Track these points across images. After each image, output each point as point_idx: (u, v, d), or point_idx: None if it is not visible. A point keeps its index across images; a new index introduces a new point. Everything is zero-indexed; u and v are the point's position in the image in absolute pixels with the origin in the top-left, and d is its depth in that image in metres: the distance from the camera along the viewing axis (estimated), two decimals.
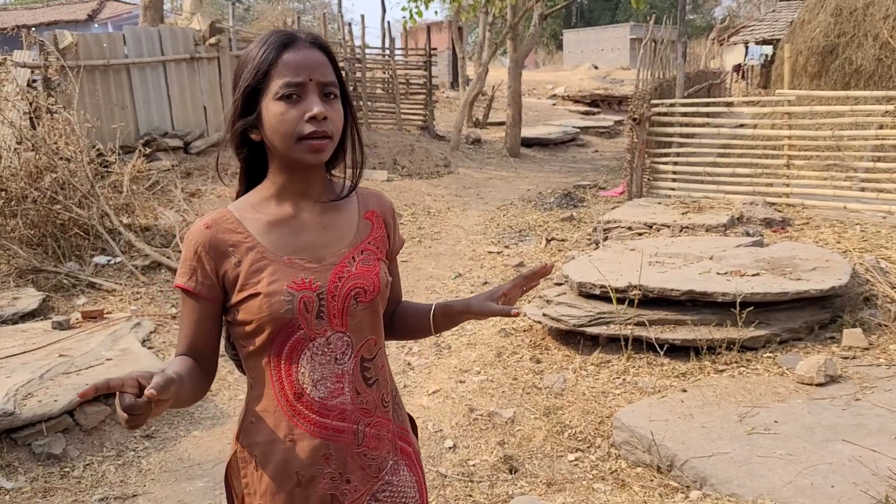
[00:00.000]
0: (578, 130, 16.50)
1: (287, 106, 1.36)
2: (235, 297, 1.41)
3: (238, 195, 1.53)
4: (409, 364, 4.92)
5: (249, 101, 1.40)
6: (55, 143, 6.67)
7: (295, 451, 1.42)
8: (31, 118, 7.21)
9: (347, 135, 1.48)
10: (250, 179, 1.52)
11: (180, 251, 5.91)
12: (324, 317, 1.42)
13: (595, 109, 20.52)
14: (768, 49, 20.33)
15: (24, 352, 4.43)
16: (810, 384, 3.76)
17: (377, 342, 1.50)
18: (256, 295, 1.39)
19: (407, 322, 1.66)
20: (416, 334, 1.68)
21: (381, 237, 1.54)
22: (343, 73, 1.48)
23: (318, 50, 1.41)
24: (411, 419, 1.67)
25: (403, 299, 1.71)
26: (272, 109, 1.37)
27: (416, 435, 1.68)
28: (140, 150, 7.76)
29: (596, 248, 6.45)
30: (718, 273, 4.74)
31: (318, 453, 1.42)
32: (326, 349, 1.43)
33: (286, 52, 1.37)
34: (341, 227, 1.49)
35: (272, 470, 1.43)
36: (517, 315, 1.44)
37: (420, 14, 13.20)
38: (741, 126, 9.09)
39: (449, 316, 1.59)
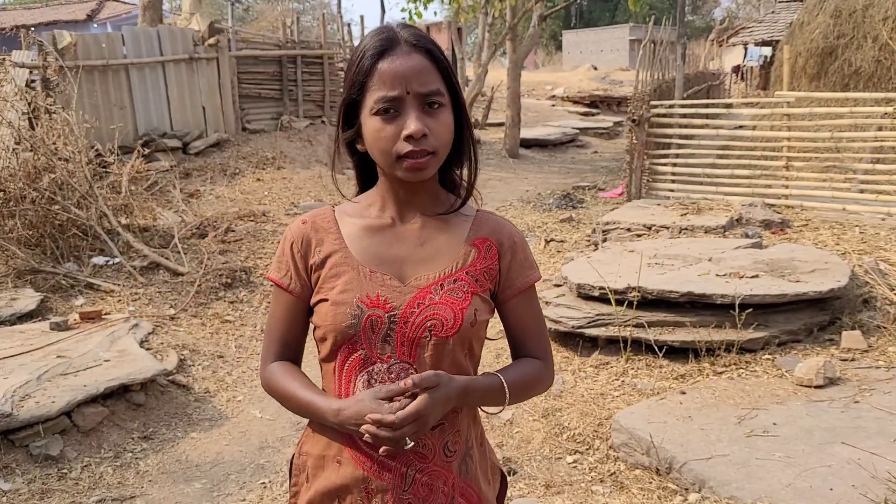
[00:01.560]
0: (578, 131, 16.48)
1: (383, 122, 1.26)
2: (313, 299, 1.37)
3: (358, 192, 1.48)
4: None
5: (350, 113, 1.33)
6: (54, 143, 6.66)
7: (339, 473, 1.36)
8: (29, 118, 7.20)
9: (464, 142, 1.36)
10: (365, 183, 1.45)
11: (178, 252, 5.84)
12: (390, 342, 1.31)
13: (594, 110, 20.49)
14: (767, 50, 20.35)
15: (22, 353, 4.42)
16: (809, 386, 3.76)
17: None
18: (326, 301, 1.33)
19: None
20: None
21: (486, 269, 1.37)
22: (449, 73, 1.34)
23: (420, 53, 1.28)
24: (503, 478, 1.54)
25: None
26: (369, 125, 1.28)
27: (504, 494, 1.54)
28: (139, 151, 7.75)
29: (595, 250, 6.45)
30: (717, 275, 4.74)
31: (359, 485, 1.34)
32: (387, 377, 1.31)
33: (382, 61, 1.26)
34: (441, 248, 1.36)
35: (317, 487, 1.39)
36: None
37: (419, 15, 13.20)
38: (740, 127, 9.11)
39: None
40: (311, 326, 1.42)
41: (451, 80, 1.32)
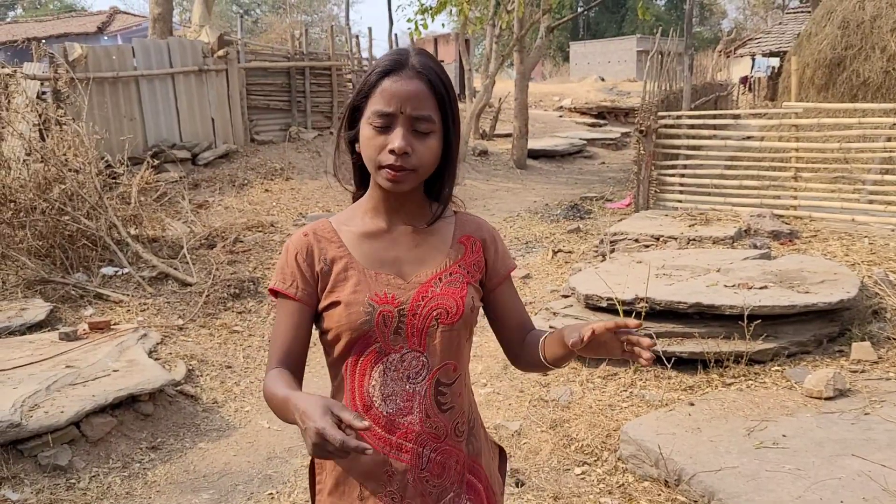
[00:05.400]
0: (585, 142, 16.48)
1: (375, 132, 1.38)
2: (321, 304, 1.46)
3: (354, 197, 1.57)
4: None
5: (353, 116, 1.45)
6: (64, 154, 6.71)
7: (360, 462, 1.43)
8: (40, 130, 7.25)
9: (450, 165, 1.48)
10: (362, 179, 1.55)
11: (187, 262, 5.85)
12: (402, 333, 1.42)
13: (602, 121, 20.51)
14: (775, 61, 20.37)
15: (32, 363, 4.44)
16: (819, 398, 3.73)
17: (457, 368, 1.48)
18: (338, 304, 1.43)
19: (527, 352, 1.56)
20: (536, 367, 1.56)
21: (474, 262, 1.53)
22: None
23: (421, 81, 1.39)
24: (502, 452, 1.68)
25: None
26: (364, 131, 1.41)
27: (504, 469, 1.67)
28: (148, 162, 7.80)
29: (603, 260, 6.44)
30: (726, 286, 4.72)
31: (380, 469, 1.44)
32: (400, 366, 1.43)
33: (387, 79, 1.38)
34: (433, 248, 1.50)
35: (337, 478, 1.48)
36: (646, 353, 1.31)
37: (426, 26, 13.24)
38: (748, 138, 9.10)
39: (560, 346, 1.45)
40: (317, 333, 1.50)
41: (446, 110, 1.41)
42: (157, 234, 7.46)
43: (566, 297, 5.41)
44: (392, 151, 1.36)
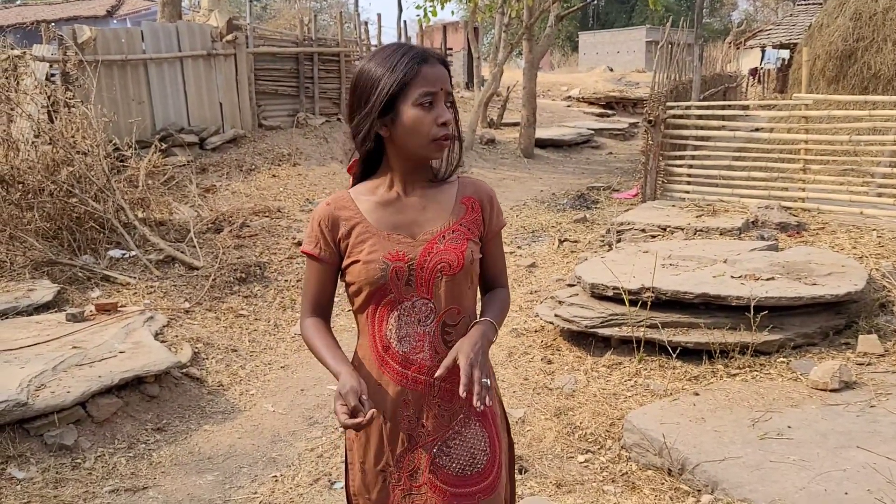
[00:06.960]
0: (593, 132, 16.41)
1: (423, 112, 1.64)
2: (344, 262, 1.73)
3: (355, 179, 1.81)
4: None
5: (387, 105, 1.65)
6: (72, 136, 6.71)
7: (382, 392, 1.72)
8: (49, 112, 7.26)
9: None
10: (366, 167, 1.78)
11: (194, 246, 5.87)
12: (412, 284, 1.68)
13: (610, 111, 20.40)
14: (785, 53, 20.23)
15: (38, 343, 4.46)
16: (824, 390, 3.73)
17: (460, 311, 1.73)
18: (357, 262, 1.69)
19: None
20: None
21: (474, 220, 1.77)
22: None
23: (443, 66, 1.69)
24: (505, 417, 1.91)
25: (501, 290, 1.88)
26: (410, 113, 1.64)
27: (508, 430, 1.91)
28: (156, 145, 7.80)
29: (609, 250, 6.42)
30: (732, 276, 4.71)
31: (399, 398, 1.72)
32: (412, 311, 1.69)
33: (425, 66, 1.64)
34: (437, 209, 1.74)
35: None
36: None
37: (434, 13, 13.18)
38: (757, 130, 9.04)
39: None
40: (343, 286, 1.78)
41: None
42: (164, 217, 7.48)
43: (572, 286, 5.40)
44: (443, 124, 1.64)
